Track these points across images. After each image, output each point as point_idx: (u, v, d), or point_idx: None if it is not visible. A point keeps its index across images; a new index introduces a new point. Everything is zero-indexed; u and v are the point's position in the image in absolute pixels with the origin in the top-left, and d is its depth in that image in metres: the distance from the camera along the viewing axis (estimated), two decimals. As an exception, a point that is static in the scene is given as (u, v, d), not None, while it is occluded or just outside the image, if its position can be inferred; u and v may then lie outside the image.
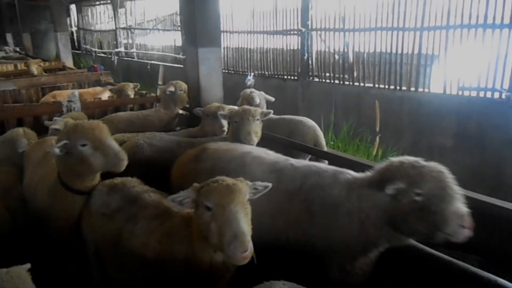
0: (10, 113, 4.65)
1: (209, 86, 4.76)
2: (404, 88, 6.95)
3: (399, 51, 6.97)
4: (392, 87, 7.11)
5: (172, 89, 4.94)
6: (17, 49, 15.61)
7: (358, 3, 7.55)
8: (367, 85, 7.55)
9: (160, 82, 6.87)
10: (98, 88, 6.91)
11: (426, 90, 6.67)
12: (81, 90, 6.57)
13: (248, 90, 4.89)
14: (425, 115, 6.53)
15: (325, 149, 4.45)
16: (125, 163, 2.49)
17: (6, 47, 14.96)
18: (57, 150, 2.41)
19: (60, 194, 2.63)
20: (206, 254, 2.05)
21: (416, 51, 6.73)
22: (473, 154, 5.96)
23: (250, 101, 4.64)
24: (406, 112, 6.80)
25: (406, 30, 6.80)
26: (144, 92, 6.07)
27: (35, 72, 7.99)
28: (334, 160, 3.56)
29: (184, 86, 5.04)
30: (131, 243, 2.32)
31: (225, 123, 3.79)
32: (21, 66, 9.72)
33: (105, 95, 6.34)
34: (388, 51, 7.13)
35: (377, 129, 5.82)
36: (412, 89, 6.81)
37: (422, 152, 6.54)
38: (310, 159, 4.17)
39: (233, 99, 7.88)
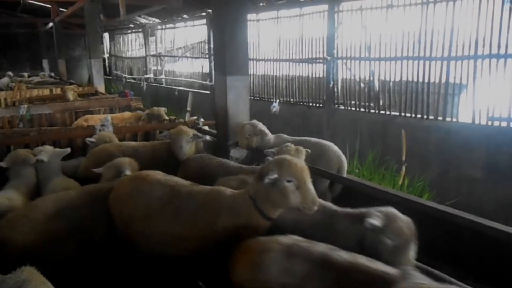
0: (47, 136, 4.87)
1: (236, 113, 4.86)
2: (431, 117, 6.89)
3: (426, 80, 6.96)
4: (418, 116, 7.06)
5: (165, 133, 4.58)
6: (52, 74, 16.38)
7: (383, 32, 7.63)
8: (393, 113, 7.53)
9: (189, 108, 7.07)
10: (127, 113, 7.14)
11: (454, 119, 6.60)
12: (112, 115, 6.82)
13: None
14: (453, 145, 6.43)
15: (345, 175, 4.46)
16: (315, 208, 2.56)
17: (41, 73, 15.71)
18: (267, 181, 2.50)
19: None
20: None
21: (443, 80, 6.71)
22: (504, 186, 5.80)
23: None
24: (433, 142, 6.72)
25: (433, 59, 6.80)
26: (173, 117, 6.24)
27: (71, 98, 8.34)
28: (358, 188, 3.55)
29: (175, 133, 4.44)
30: None
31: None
32: (56, 90, 10.18)
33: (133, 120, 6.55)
34: (415, 80, 7.13)
35: (403, 158, 5.76)
36: (440, 118, 6.75)
37: (451, 183, 6.42)
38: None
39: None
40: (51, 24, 17.99)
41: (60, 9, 17.07)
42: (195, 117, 5.86)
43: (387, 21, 7.57)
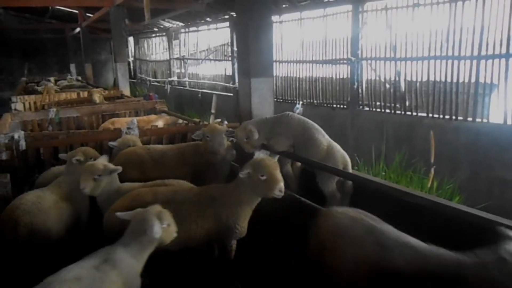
0: (76, 139, 4.97)
1: (261, 115, 4.81)
2: (460, 118, 6.70)
3: (455, 80, 6.77)
4: (447, 116, 6.88)
5: (199, 133, 4.43)
6: (79, 78, 16.78)
7: (410, 32, 7.47)
8: (420, 114, 7.36)
9: (213, 111, 7.08)
10: (153, 116, 7.23)
11: (485, 120, 6.39)
12: (138, 118, 6.91)
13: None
14: (483, 146, 6.23)
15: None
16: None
17: (69, 76, 16.11)
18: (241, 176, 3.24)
19: None
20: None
21: (473, 80, 6.51)
22: (538, 189, 5.58)
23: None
24: (463, 143, 6.52)
25: (462, 58, 6.61)
26: (197, 120, 6.27)
27: (97, 101, 8.51)
28: (385, 191, 3.47)
29: (211, 131, 4.33)
30: None
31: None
32: (83, 94, 10.41)
33: (160, 123, 6.62)
34: (443, 80, 6.95)
35: (432, 161, 5.61)
36: (469, 119, 6.55)
37: (482, 185, 6.21)
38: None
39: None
40: (78, 29, 18.47)
41: (87, 14, 17.49)
42: (219, 120, 5.86)
43: (414, 20, 7.41)
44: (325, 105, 9.47)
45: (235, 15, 11.80)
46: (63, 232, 3.42)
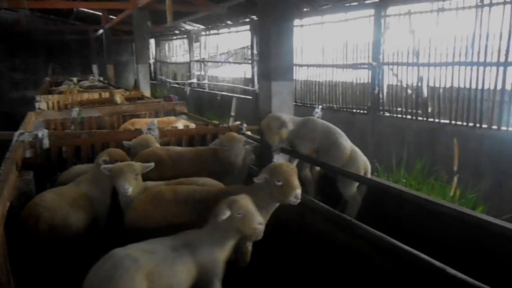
0: (98, 139, 5.04)
1: (280, 119, 4.81)
2: (484, 125, 6.54)
3: (480, 87, 6.61)
4: (471, 124, 6.72)
5: (216, 142, 4.41)
6: (101, 78, 17.06)
7: (433, 37, 7.35)
8: (442, 121, 7.22)
9: (232, 113, 7.11)
10: (172, 118, 7.27)
11: (510, 128, 6.22)
12: (157, 119, 6.97)
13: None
14: (508, 155, 6.06)
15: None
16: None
17: (91, 77, 16.40)
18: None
19: None
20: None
21: (499, 87, 6.35)
22: None
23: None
24: (487, 151, 6.35)
25: (488, 65, 6.46)
26: (217, 122, 6.28)
27: (118, 101, 8.62)
28: (408, 198, 3.39)
29: (229, 141, 4.25)
30: None
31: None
32: (104, 94, 10.57)
33: (179, 124, 6.66)
34: (467, 86, 6.80)
35: (455, 169, 5.49)
36: (494, 127, 6.39)
37: (507, 195, 6.04)
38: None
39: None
40: (101, 31, 18.81)
41: (110, 16, 17.80)
42: (238, 122, 5.86)
43: (438, 25, 7.28)
44: (344, 109, 9.38)
45: (256, 19, 11.83)
46: (82, 229, 3.46)
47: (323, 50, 10.14)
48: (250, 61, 13.30)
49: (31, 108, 8.82)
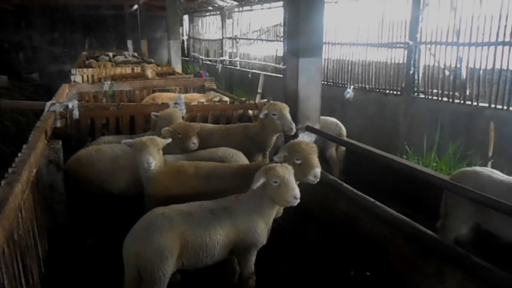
0: (125, 111, 5.12)
1: (307, 96, 4.69)
2: (526, 110, 6.17)
3: (524, 69, 6.22)
4: (511, 108, 6.36)
5: (264, 112, 4.23)
6: (135, 54, 17.29)
7: (476, 15, 6.92)
8: (481, 104, 6.86)
9: (259, 90, 7.03)
10: (196, 95, 7.14)
11: (555, 114, 5.84)
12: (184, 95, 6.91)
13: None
14: (551, 143, 5.71)
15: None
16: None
17: (126, 52, 16.65)
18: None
19: None
20: None
21: (545, 70, 5.95)
22: None
23: None
24: (528, 138, 6.01)
25: (534, 45, 6.04)
26: (243, 99, 6.24)
27: (149, 76, 8.71)
28: (436, 182, 3.26)
29: (279, 110, 4.19)
30: None
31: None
32: (136, 69, 10.71)
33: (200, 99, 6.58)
34: (510, 68, 6.40)
35: (490, 154, 5.22)
36: (537, 112, 6.02)
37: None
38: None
39: (330, 111, 7.74)
40: (136, 6, 18.93)
41: (145, -9, 17.86)
42: (265, 100, 5.80)
43: (481, 2, 6.84)
44: (377, 90, 9.08)
45: (289, -6, 11.54)
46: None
47: (357, 28, 9.79)
48: (282, 39, 13.06)
49: (68, 81, 9.07)
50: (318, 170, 3.06)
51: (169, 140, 3.61)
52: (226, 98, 6.49)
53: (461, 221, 3.23)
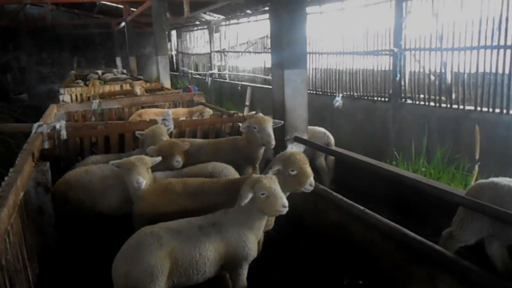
0: (113, 129, 5.10)
1: (294, 107, 4.73)
2: (511, 112, 6.26)
3: (506, 71, 6.32)
4: (497, 110, 6.45)
5: (245, 125, 4.29)
6: (124, 71, 17.30)
7: (458, 20, 7.05)
8: (467, 108, 6.95)
9: (247, 103, 7.07)
10: (180, 110, 7.06)
11: (539, 114, 5.94)
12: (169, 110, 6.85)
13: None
14: (537, 143, 5.79)
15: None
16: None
17: (115, 70, 16.66)
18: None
19: None
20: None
21: (527, 71, 6.05)
22: None
23: None
24: (514, 139, 6.09)
25: (515, 48, 6.16)
26: (232, 112, 6.26)
27: (138, 93, 8.72)
28: (423, 188, 3.28)
29: (259, 123, 4.20)
30: None
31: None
32: (125, 86, 10.72)
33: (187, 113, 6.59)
34: (493, 71, 6.51)
35: (477, 156, 5.27)
36: (522, 113, 6.11)
37: (533, 184, 5.77)
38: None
39: (320, 120, 7.79)
40: (123, 24, 19.01)
41: (131, 9, 17.95)
42: (253, 112, 5.83)
43: (462, 8, 6.98)
44: (365, 97, 9.18)
45: (269, 4, 11.68)
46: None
47: (343, 37, 9.92)
48: (269, 51, 13.17)
49: (57, 101, 9.03)
50: (312, 178, 3.14)
51: (159, 158, 3.61)
52: (209, 110, 6.52)
53: (474, 234, 3.16)
